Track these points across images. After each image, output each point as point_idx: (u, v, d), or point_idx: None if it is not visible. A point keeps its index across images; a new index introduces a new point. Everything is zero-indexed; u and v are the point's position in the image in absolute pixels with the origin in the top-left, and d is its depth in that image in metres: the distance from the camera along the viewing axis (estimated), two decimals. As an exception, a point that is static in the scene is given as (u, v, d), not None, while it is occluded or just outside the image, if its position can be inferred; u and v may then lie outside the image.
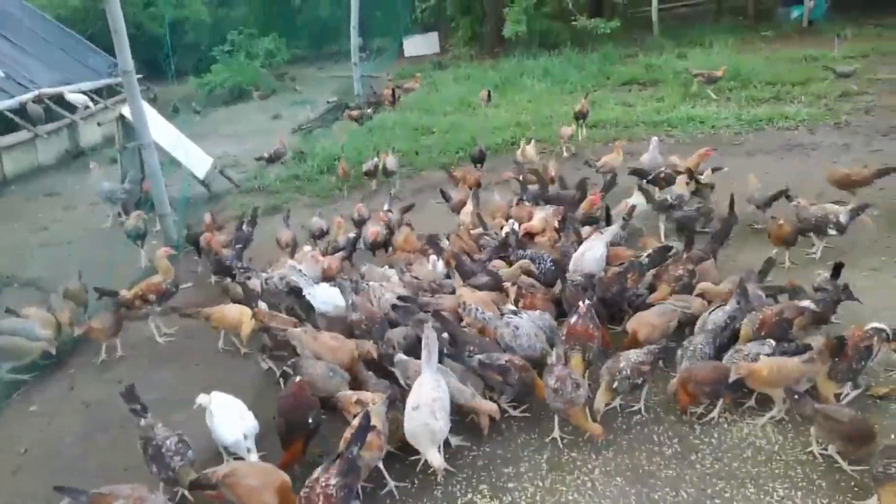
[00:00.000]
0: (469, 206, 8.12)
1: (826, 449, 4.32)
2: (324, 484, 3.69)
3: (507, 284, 6.08)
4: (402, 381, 4.99)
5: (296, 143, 14.17)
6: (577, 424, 4.58)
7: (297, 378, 4.78)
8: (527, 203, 8.09)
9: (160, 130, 10.98)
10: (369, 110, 16.52)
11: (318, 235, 8.20)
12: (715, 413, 4.74)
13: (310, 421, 4.50)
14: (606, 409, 4.80)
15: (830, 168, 8.25)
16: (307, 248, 7.31)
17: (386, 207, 8.11)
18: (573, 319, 5.15)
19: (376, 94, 18.51)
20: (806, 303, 5.26)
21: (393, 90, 17.68)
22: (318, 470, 3.83)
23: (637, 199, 7.64)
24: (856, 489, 4.09)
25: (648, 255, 6.17)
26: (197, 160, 11.68)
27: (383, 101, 17.22)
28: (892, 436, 3.98)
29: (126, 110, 10.08)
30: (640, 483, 4.31)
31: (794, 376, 4.54)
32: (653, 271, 6.08)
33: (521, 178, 8.90)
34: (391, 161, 10.12)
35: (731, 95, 14.38)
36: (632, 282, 5.87)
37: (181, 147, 11.40)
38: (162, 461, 4.29)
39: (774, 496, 4.11)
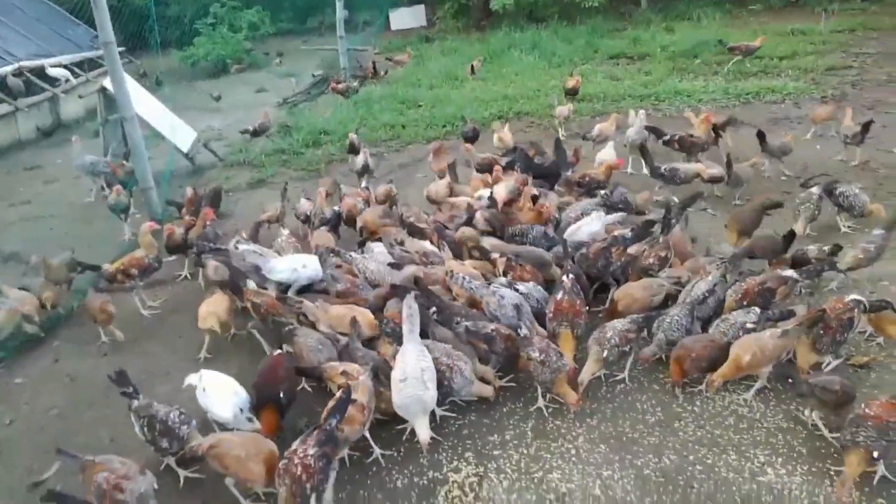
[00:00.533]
0: (445, 180, 8.04)
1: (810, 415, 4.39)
2: (301, 455, 3.70)
3: (494, 256, 6.06)
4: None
5: (281, 117, 14.02)
6: (560, 393, 4.60)
7: (278, 351, 4.75)
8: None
9: (143, 103, 10.80)
10: (355, 84, 16.36)
11: (304, 220, 7.91)
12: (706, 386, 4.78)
13: (280, 395, 4.49)
14: (592, 379, 4.83)
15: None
16: (284, 232, 7.08)
17: (364, 185, 7.92)
18: (559, 296, 5.15)
19: (362, 68, 18.33)
20: (789, 272, 5.30)
21: (374, 64, 17.51)
22: (297, 441, 3.84)
23: None
24: (835, 455, 4.17)
25: (632, 229, 6.15)
26: (181, 133, 11.52)
27: (368, 74, 17.04)
28: (862, 405, 4.02)
29: (108, 82, 9.91)
30: (624, 450, 4.36)
31: (776, 354, 4.60)
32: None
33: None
34: (361, 160, 9.16)
35: (717, 69, 14.36)
36: (616, 256, 5.87)
37: (164, 120, 11.24)
38: (172, 434, 4.27)
39: (755, 462, 4.18)
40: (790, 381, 4.44)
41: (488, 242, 6.29)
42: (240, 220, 8.92)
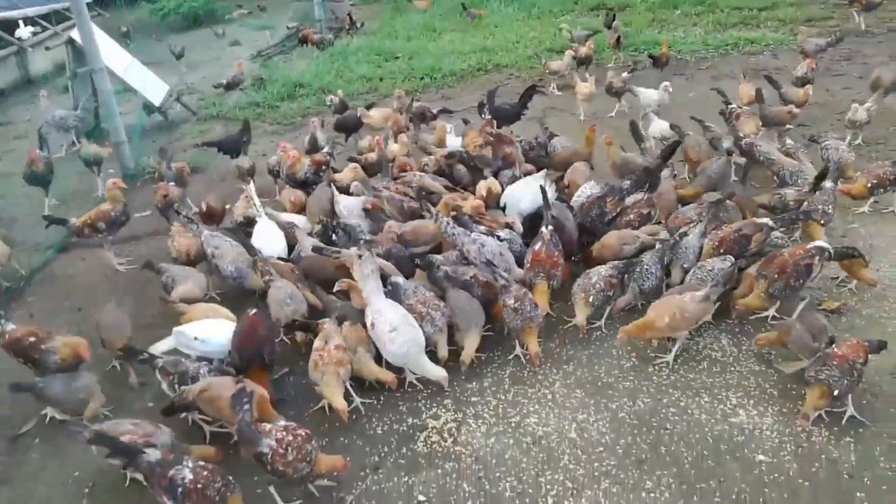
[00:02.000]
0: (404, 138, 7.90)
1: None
2: None
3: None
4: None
5: (255, 70, 13.73)
6: (527, 342, 4.63)
7: (253, 310, 4.64)
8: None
9: (112, 56, 10.53)
10: (330, 35, 16.03)
11: (275, 175, 7.71)
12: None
13: (264, 356, 4.45)
14: (567, 326, 4.90)
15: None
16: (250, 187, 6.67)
17: (326, 150, 7.70)
18: (537, 246, 5.15)
19: (338, 19, 17.93)
20: (764, 220, 5.34)
21: (349, 15, 17.13)
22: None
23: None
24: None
25: (630, 179, 6.14)
26: (152, 87, 11.28)
27: (345, 25, 16.67)
28: (834, 346, 4.10)
29: (76, 34, 9.63)
30: (599, 395, 4.44)
31: (696, 318, 4.58)
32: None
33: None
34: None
35: (697, 20, 14.24)
36: (611, 206, 5.85)
37: (135, 73, 10.98)
38: None
39: (728, 404, 4.27)
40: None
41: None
42: (214, 174, 8.82)
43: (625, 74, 9.46)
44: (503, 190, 6.29)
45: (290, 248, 6.02)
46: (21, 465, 4.37)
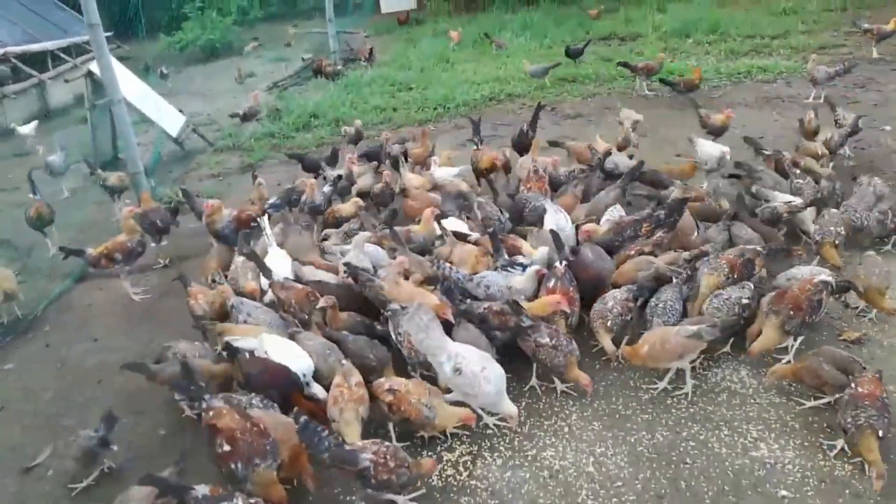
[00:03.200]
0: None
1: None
2: None
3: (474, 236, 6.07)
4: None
5: (271, 101, 13.91)
6: (575, 376, 4.52)
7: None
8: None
9: (131, 87, 10.70)
10: (340, 66, 16.20)
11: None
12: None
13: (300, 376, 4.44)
14: (582, 358, 4.83)
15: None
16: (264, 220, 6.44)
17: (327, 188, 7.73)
18: (551, 283, 5.05)
19: (353, 51, 18.16)
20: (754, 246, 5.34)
21: (371, 49, 17.31)
22: None
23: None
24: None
25: (664, 207, 6.02)
26: (169, 118, 11.45)
27: (359, 57, 16.87)
28: (852, 384, 4.00)
29: (95, 66, 9.80)
30: (617, 427, 4.37)
31: (679, 352, 4.47)
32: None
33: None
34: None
35: (710, 49, 14.31)
36: (645, 230, 5.77)
37: (153, 104, 11.15)
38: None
39: (748, 437, 4.19)
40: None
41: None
42: (230, 205, 8.86)
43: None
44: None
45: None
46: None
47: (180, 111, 12.09)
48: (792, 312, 4.53)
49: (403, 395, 4.10)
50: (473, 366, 4.16)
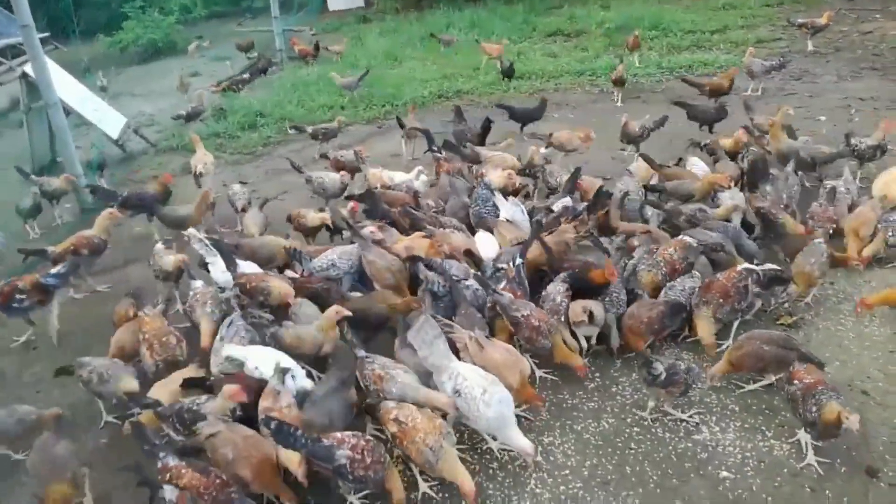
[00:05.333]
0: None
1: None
2: None
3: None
4: None
5: (215, 101, 13.65)
6: (564, 358, 4.61)
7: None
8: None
9: (68, 89, 10.40)
10: (273, 67, 16.08)
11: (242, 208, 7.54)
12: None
13: None
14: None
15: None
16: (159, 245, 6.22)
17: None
18: (501, 285, 5.03)
19: (295, 50, 17.89)
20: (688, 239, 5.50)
21: (317, 43, 17.12)
22: None
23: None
24: (766, 412, 4.32)
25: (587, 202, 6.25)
26: (109, 120, 11.14)
27: (305, 55, 16.64)
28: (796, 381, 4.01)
29: (29, 68, 9.49)
30: (564, 416, 4.44)
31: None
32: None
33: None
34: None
35: (651, 44, 14.56)
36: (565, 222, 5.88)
37: (91, 106, 10.84)
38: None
39: (690, 421, 4.29)
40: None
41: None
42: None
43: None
44: None
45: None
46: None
47: (120, 113, 11.78)
48: (721, 300, 4.69)
49: (409, 430, 3.77)
50: (474, 389, 3.93)
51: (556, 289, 5.02)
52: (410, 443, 3.73)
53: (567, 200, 6.30)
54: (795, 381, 3.96)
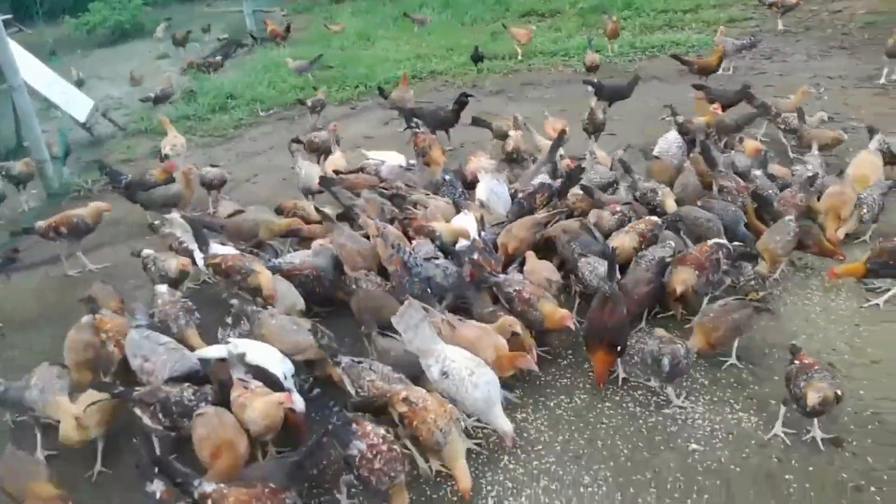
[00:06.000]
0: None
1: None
2: None
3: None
4: None
5: (185, 83, 13.44)
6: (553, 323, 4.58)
7: None
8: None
9: (33, 72, 10.17)
10: (245, 47, 15.89)
11: (215, 185, 7.54)
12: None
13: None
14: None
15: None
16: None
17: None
18: (475, 256, 5.00)
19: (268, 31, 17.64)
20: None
21: (288, 25, 16.88)
22: None
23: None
24: (735, 385, 4.39)
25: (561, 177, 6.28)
26: (76, 103, 10.93)
27: (275, 36, 16.38)
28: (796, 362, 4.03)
29: (-10, 50, 9.27)
30: (537, 392, 4.48)
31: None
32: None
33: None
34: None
35: (624, 24, 14.55)
36: (539, 201, 5.92)
37: (58, 89, 10.62)
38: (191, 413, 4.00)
39: (660, 396, 4.35)
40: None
41: None
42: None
43: None
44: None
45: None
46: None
47: (88, 96, 11.55)
48: (697, 273, 4.75)
49: (420, 410, 3.71)
50: (462, 370, 3.92)
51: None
52: (421, 422, 3.66)
53: (544, 177, 6.26)
54: (796, 362, 3.99)
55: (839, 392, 3.74)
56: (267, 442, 4.04)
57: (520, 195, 6.05)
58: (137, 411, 4.09)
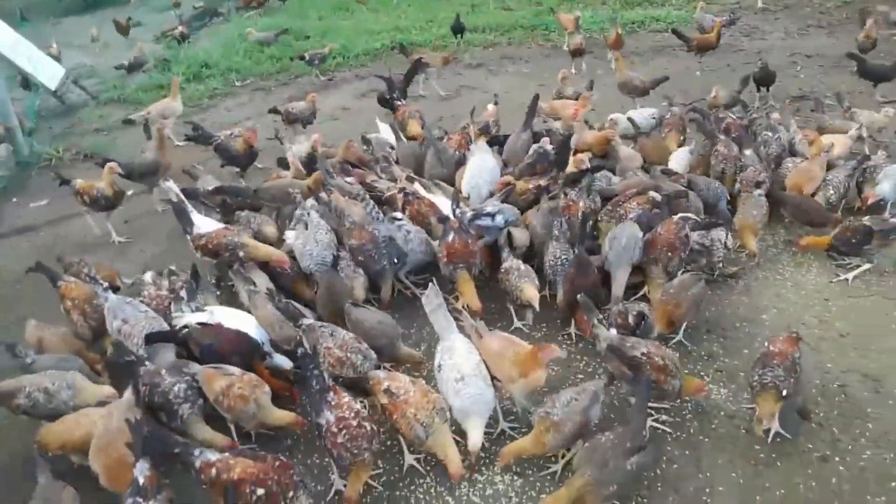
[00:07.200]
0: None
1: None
2: None
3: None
4: None
5: (159, 51, 13.19)
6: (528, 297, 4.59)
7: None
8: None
9: (0, 38, 9.92)
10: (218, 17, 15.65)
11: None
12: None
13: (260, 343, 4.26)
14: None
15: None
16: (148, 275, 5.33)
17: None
18: (449, 238, 4.92)
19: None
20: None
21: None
22: None
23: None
24: (705, 357, 4.47)
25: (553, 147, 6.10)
26: (47, 70, 10.68)
27: (249, 3, 16.04)
28: (766, 343, 4.06)
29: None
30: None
31: None
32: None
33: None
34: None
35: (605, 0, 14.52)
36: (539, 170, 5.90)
37: (25, 55, 10.36)
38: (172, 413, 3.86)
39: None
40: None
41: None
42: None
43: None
44: None
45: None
46: None
47: (59, 64, 11.30)
48: (670, 254, 4.76)
49: (400, 403, 3.65)
50: (452, 372, 3.82)
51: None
52: (401, 416, 3.60)
53: (545, 144, 6.13)
54: (768, 344, 3.97)
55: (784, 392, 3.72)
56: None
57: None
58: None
